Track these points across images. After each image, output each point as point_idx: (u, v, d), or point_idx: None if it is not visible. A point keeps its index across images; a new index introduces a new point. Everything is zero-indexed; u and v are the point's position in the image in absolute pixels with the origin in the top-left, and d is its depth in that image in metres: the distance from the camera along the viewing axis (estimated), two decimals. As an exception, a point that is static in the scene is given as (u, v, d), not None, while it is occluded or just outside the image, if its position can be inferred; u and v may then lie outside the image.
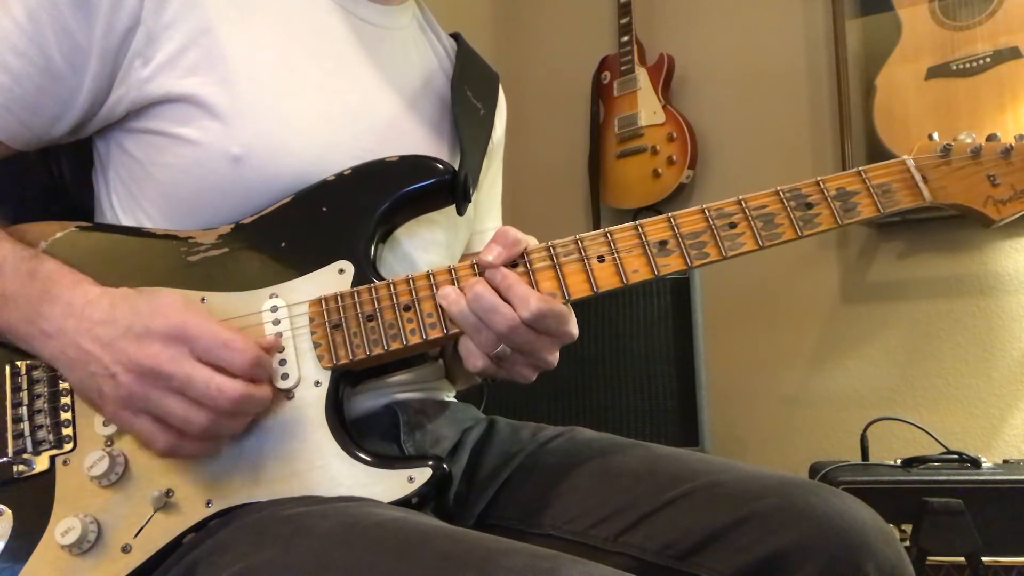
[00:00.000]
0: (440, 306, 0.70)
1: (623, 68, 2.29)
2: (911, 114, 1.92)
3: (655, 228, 0.72)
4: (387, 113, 0.82)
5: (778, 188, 0.73)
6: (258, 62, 0.74)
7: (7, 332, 0.67)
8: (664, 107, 2.21)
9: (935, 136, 0.76)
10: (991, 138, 0.75)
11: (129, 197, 0.77)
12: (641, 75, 2.26)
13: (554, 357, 0.72)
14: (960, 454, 1.48)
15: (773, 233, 0.72)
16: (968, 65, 1.85)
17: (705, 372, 1.65)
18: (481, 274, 0.71)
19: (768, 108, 2.17)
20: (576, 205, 2.46)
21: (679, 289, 1.68)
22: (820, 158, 2.10)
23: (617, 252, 0.71)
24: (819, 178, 0.73)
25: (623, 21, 2.29)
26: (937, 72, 1.89)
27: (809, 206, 0.73)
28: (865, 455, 1.61)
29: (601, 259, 0.71)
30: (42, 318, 0.64)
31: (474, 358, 0.70)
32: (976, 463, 1.44)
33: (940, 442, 1.56)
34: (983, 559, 1.28)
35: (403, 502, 0.66)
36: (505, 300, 0.68)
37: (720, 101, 2.24)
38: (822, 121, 2.10)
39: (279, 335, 0.69)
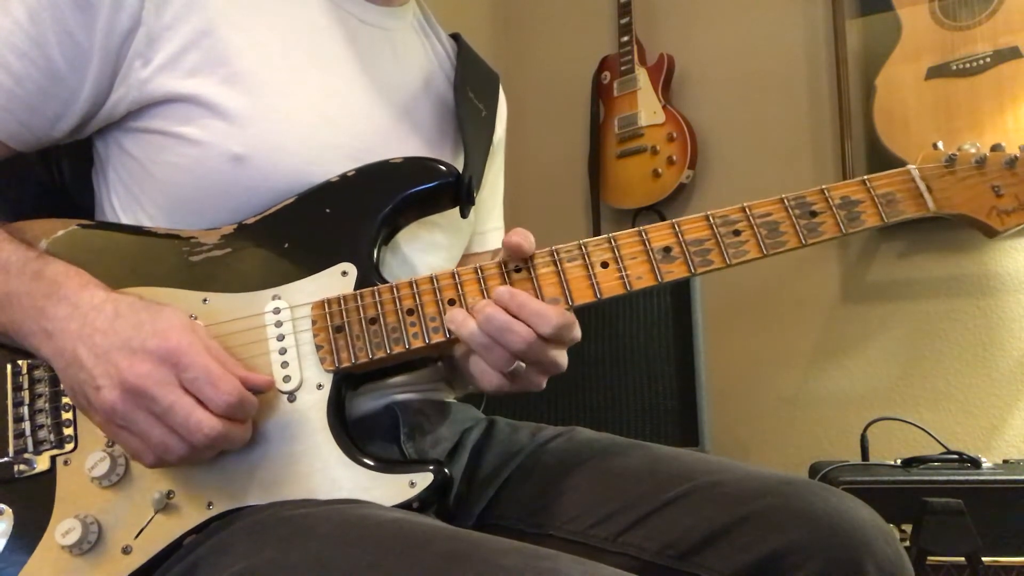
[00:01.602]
0: (448, 330, 0.69)
1: (623, 68, 2.30)
2: (911, 114, 1.92)
3: (659, 234, 0.72)
4: (387, 114, 0.82)
5: (783, 196, 0.73)
6: (258, 63, 0.74)
7: (9, 330, 0.66)
8: (664, 107, 2.21)
9: (940, 145, 0.76)
10: (995, 148, 0.75)
11: (129, 197, 0.77)
12: (641, 75, 2.26)
13: (564, 360, 0.72)
14: (960, 454, 1.48)
15: (777, 241, 0.72)
16: (968, 65, 1.86)
17: (705, 372, 1.65)
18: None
19: (768, 108, 2.17)
20: (576, 205, 2.46)
21: (679, 289, 1.68)
22: (820, 158, 2.10)
23: (621, 258, 0.71)
24: (824, 186, 0.73)
25: (623, 21, 2.29)
26: (937, 72, 1.90)
27: (813, 214, 0.73)
28: (865, 455, 1.61)
29: (605, 265, 0.71)
30: (46, 317, 0.64)
31: (488, 377, 0.69)
32: (976, 463, 1.44)
33: (940, 442, 1.57)
34: (983, 559, 1.28)
35: (404, 506, 0.65)
36: (517, 317, 0.67)
37: (720, 101, 2.24)
38: (822, 121, 2.10)
39: (281, 337, 0.69)
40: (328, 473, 0.66)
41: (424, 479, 0.66)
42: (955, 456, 1.48)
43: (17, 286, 0.65)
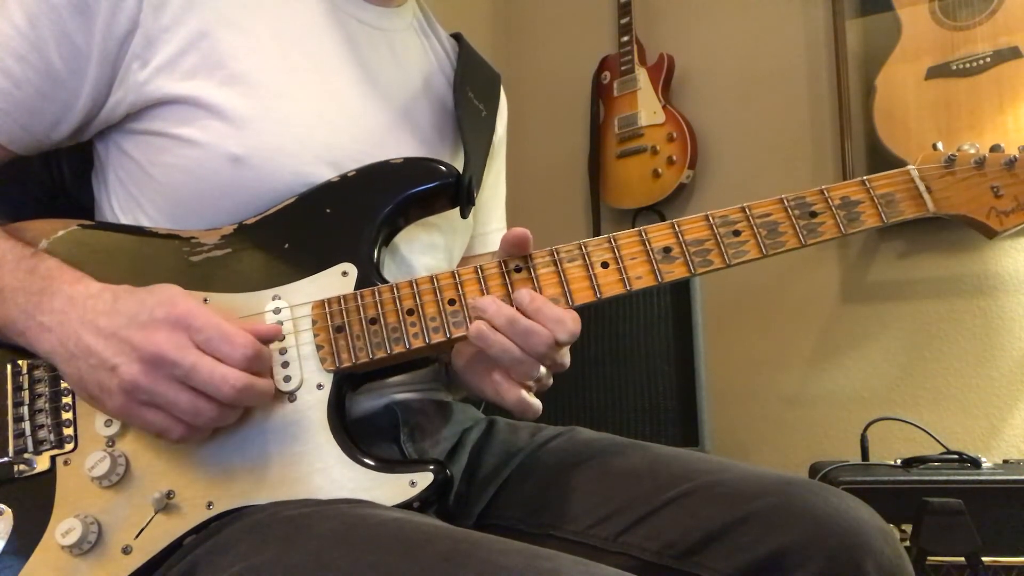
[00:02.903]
0: (480, 346, 0.68)
1: (623, 68, 2.30)
2: (911, 114, 1.92)
3: (659, 235, 0.72)
4: (386, 115, 0.82)
5: (782, 196, 0.73)
6: (257, 65, 0.74)
7: (4, 327, 0.66)
8: (664, 107, 2.21)
9: (939, 146, 0.76)
10: (995, 149, 0.75)
11: (129, 198, 0.77)
12: (641, 75, 2.26)
13: (568, 357, 0.72)
14: (960, 454, 1.48)
15: (777, 242, 0.72)
16: (968, 65, 1.86)
17: (705, 372, 1.65)
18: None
19: (768, 108, 2.17)
20: (576, 205, 2.46)
21: (679, 289, 1.68)
22: (820, 158, 2.10)
23: (621, 258, 0.71)
24: (823, 187, 0.73)
25: (623, 21, 2.29)
26: (937, 72, 1.90)
27: (813, 215, 0.73)
28: (865, 455, 1.61)
29: (605, 265, 0.71)
30: (41, 312, 0.64)
31: (511, 391, 0.69)
32: (976, 463, 1.44)
33: (940, 442, 1.57)
34: (983, 559, 1.28)
35: (405, 506, 0.65)
36: (535, 322, 0.68)
37: (720, 101, 2.24)
38: (822, 121, 2.10)
39: (282, 337, 0.69)
40: (329, 473, 0.66)
41: (424, 479, 0.66)
42: (955, 456, 1.48)
43: (11, 281, 0.65)
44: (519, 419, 0.72)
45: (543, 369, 0.69)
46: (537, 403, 0.71)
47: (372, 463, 0.67)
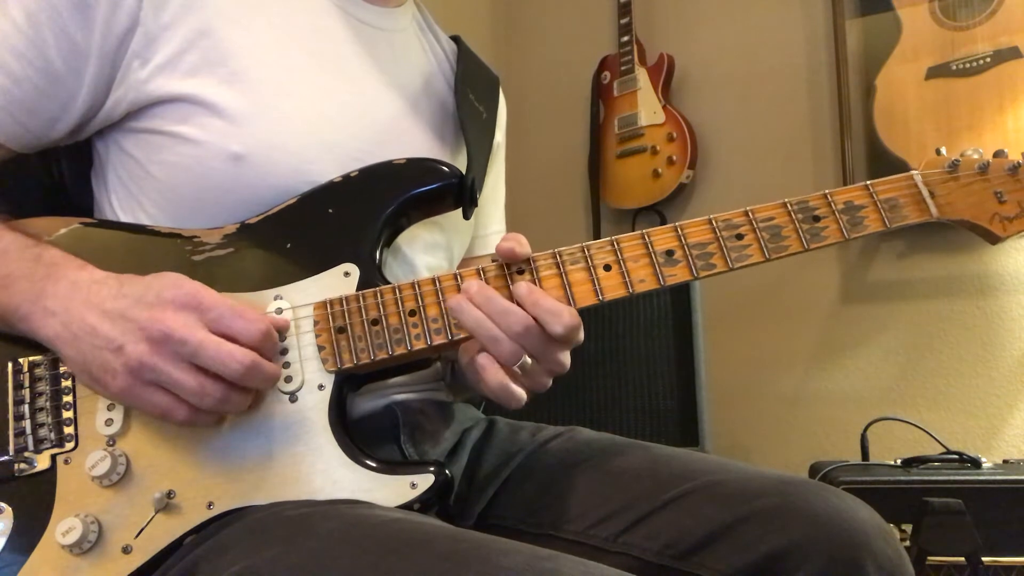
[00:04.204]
0: (453, 324, 0.68)
1: (623, 68, 2.30)
2: (911, 114, 1.93)
3: (662, 237, 0.72)
4: (387, 114, 0.82)
5: (785, 200, 0.73)
6: (258, 62, 0.74)
7: (7, 314, 0.66)
8: (664, 107, 2.21)
9: (943, 151, 0.76)
10: (998, 154, 0.75)
11: (129, 197, 0.76)
12: (641, 75, 2.26)
13: (568, 360, 0.71)
14: (960, 454, 1.48)
15: (780, 246, 0.72)
16: (968, 65, 1.86)
17: (705, 372, 1.65)
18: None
19: (768, 108, 2.17)
20: (576, 205, 2.46)
21: (679, 289, 1.68)
22: (820, 158, 2.10)
23: (623, 261, 0.71)
24: (827, 191, 0.73)
25: (623, 21, 2.29)
26: (937, 72, 1.90)
27: (816, 219, 0.73)
28: (865, 455, 1.61)
29: (607, 268, 0.71)
30: (45, 296, 0.64)
31: (493, 372, 0.68)
32: (976, 463, 1.44)
33: (940, 442, 1.57)
34: (983, 559, 1.29)
35: (405, 508, 0.65)
36: (531, 314, 0.67)
37: (720, 101, 2.24)
38: (822, 121, 2.10)
39: (283, 337, 0.69)
40: (330, 474, 0.66)
41: (425, 480, 0.66)
42: (955, 456, 1.48)
43: (16, 268, 0.65)
44: (502, 407, 0.71)
45: (528, 360, 0.67)
46: (521, 392, 0.69)
47: (373, 464, 0.67)
